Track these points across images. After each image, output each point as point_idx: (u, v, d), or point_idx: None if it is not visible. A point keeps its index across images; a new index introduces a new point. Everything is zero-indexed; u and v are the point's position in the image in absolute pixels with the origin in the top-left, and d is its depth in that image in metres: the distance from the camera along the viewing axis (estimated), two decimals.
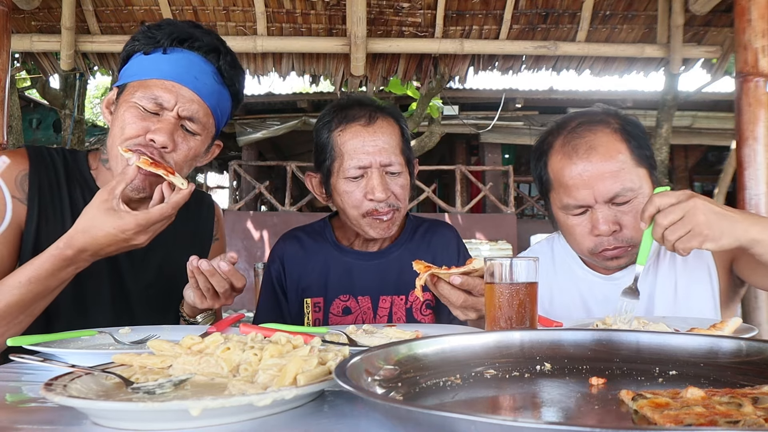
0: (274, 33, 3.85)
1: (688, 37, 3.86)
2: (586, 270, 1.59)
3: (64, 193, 1.42)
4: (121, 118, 1.34)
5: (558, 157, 1.46)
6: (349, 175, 1.52)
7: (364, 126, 1.54)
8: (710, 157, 12.76)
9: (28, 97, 10.70)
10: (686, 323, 1.20)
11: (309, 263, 1.67)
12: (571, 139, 1.44)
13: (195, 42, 1.38)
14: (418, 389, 0.74)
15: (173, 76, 1.35)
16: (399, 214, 1.57)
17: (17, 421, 0.72)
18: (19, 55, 4.32)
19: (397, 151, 1.56)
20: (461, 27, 3.91)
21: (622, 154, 1.40)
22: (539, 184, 1.56)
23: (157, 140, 1.32)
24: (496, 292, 1.02)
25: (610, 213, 1.40)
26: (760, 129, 2.62)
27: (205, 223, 1.68)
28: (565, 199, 1.44)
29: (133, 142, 1.32)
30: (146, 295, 1.52)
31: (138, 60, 1.38)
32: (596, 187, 1.38)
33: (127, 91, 1.36)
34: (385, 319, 1.62)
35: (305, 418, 0.70)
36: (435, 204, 10.21)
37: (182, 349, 0.85)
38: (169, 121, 1.34)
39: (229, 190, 10.71)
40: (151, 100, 1.33)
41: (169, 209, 1.21)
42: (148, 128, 1.32)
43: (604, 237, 1.41)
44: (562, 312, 1.61)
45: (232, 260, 1.27)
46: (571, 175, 1.41)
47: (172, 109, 1.34)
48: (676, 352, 0.82)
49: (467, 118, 10.93)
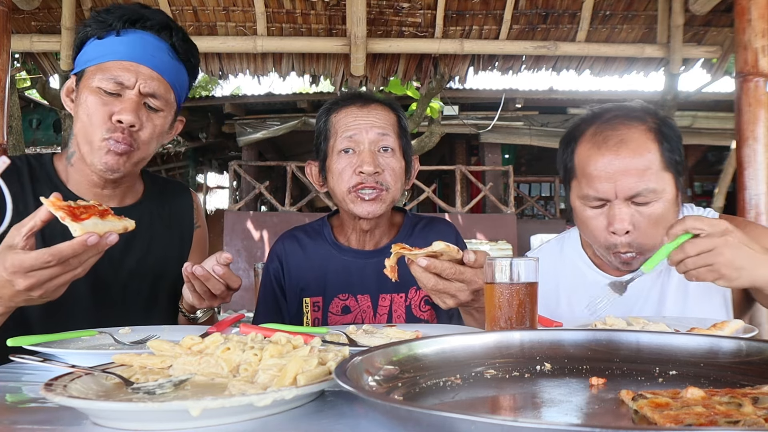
0: (274, 33, 3.85)
1: (688, 37, 3.86)
2: (594, 271, 1.57)
3: (30, 199, 1.41)
4: (84, 104, 1.36)
5: (587, 146, 1.42)
6: (341, 147, 1.55)
7: (359, 107, 1.58)
8: (710, 157, 12.75)
9: (28, 97, 10.69)
10: (686, 323, 1.20)
11: (307, 262, 1.67)
12: (604, 129, 1.40)
13: (147, 21, 1.41)
14: (418, 389, 0.74)
15: (130, 56, 1.37)
16: (387, 195, 1.56)
17: (17, 421, 0.72)
18: (19, 55, 4.32)
19: (390, 131, 1.58)
20: (461, 27, 3.91)
21: (651, 154, 1.36)
22: (563, 170, 1.53)
23: (125, 119, 1.34)
24: (496, 292, 1.02)
25: (628, 212, 1.36)
26: (760, 129, 2.62)
27: (184, 212, 1.68)
28: (586, 190, 1.40)
29: (104, 132, 1.34)
30: (128, 288, 1.51)
31: (93, 45, 1.40)
32: (619, 182, 1.35)
33: (86, 77, 1.38)
34: (385, 318, 1.62)
35: (305, 418, 0.70)
36: (435, 204, 10.21)
37: (182, 349, 0.85)
38: (132, 100, 1.36)
39: (229, 190, 10.71)
40: (110, 80, 1.35)
41: (47, 257, 1.02)
42: (111, 111, 1.35)
43: (618, 237, 1.38)
44: (569, 312, 1.59)
45: (227, 261, 1.27)
46: (596, 165, 1.38)
47: (133, 87, 1.37)
48: (676, 352, 0.82)
49: (467, 118, 10.92)
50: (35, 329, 1.36)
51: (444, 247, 1.11)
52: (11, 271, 1.03)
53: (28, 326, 1.36)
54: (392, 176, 1.56)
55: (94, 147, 1.37)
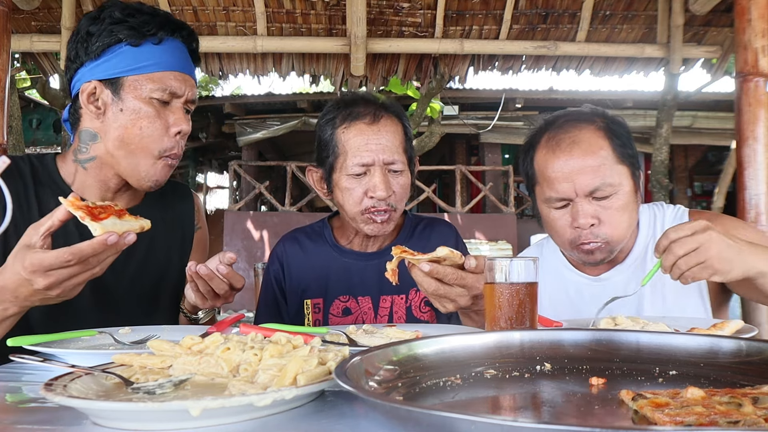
0: (274, 33, 3.85)
1: (688, 37, 3.86)
2: (573, 272, 1.64)
3: (32, 200, 1.41)
4: (135, 114, 1.38)
5: (543, 152, 1.51)
6: (351, 172, 1.53)
7: (368, 124, 1.55)
8: (710, 157, 12.75)
9: (28, 97, 10.69)
10: (687, 323, 1.20)
11: (308, 264, 1.67)
12: (556, 134, 1.49)
13: (183, 30, 1.45)
14: (418, 389, 0.74)
15: (179, 67, 1.43)
16: (396, 214, 1.58)
17: (17, 421, 0.72)
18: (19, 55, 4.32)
19: (400, 150, 1.57)
20: (461, 27, 3.91)
21: (603, 150, 1.45)
22: (526, 179, 1.61)
23: (184, 130, 1.42)
24: (496, 292, 1.02)
25: (590, 207, 1.44)
26: (760, 129, 2.62)
27: (185, 213, 1.68)
28: (548, 192, 1.48)
29: (165, 148, 1.40)
30: (130, 290, 1.51)
31: (128, 52, 1.37)
32: (577, 180, 1.43)
33: (132, 86, 1.37)
34: (386, 319, 1.62)
35: (305, 418, 0.70)
36: (435, 204, 10.20)
37: (182, 349, 0.85)
38: (181, 109, 1.43)
39: (229, 190, 10.70)
40: (165, 91, 1.39)
41: (67, 256, 1.02)
42: (167, 123, 1.40)
43: (583, 230, 1.45)
44: (551, 314, 1.62)
45: (231, 261, 1.28)
46: (554, 168, 1.46)
47: (182, 96, 1.42)
48: (676, 352, 0.82)
49: (467, 118, 10.91)
50: (37, 332, 1.35)
51: (447, 253, 1.11)
52: (31, 270, 1.03)
53: (30, 330, 1.36)
54: (401, 195, 1.58)
55: (149, 161, 1.40)
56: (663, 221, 1.57)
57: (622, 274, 1.56)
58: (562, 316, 1.58)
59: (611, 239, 1.46)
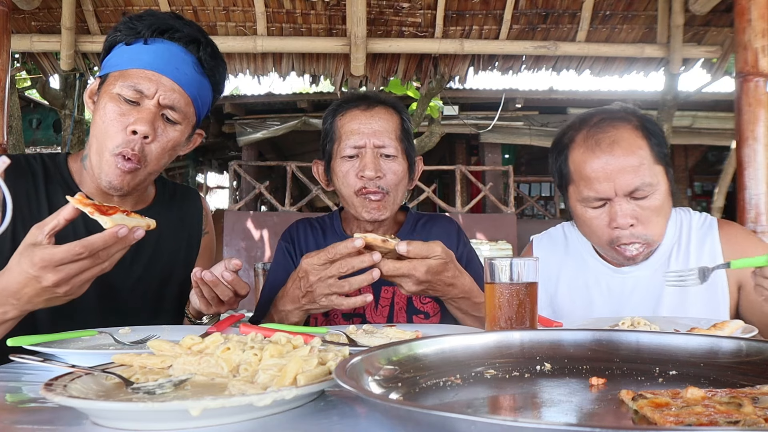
0: (274, 33, 3.85)
1: (688, 37, 3.86)
2: (596, 260, 1.63)
3: (43, 199, 1.41)
4: (102, 109, 1.35)
5: (580, 151, 1.48)
6: (345, 154, 1.59)
7: (362, 110, 1.62)
8: (710, 157, 12.75)
9: (28, 97, 10.68)
10: (686, 323, 1.20)
11: (317, 248, 1.69)
12: (594, 133, 1.47)
13: (175, 33, 1.40)
14: (418, 389, 0.74)
15: (154, 66, 1.36)
16: (389, 198, 1.60)
17: (17, 421, 0.72)
18: (19, 55, 4.32)
19: (393, 136, 1.60)
20: (461, 27, 3.91)
21: (642, 150, 1.43)
22: (558, 177, 1.59)
23: (139, 130, 1.32)
24: (496, 292, 1.02)
25: (629, 207, 1.43)
26: (760, 129, 2.62)
27: (193, 218, 1.68)
28: (586, 192, 1.46)
29: (116, 145, 1.33)
30: (136, 292, 1.50)
31: (120, 50, 1.39)
32: (617, 180, 1.41)
33: (108, 82, 1.37)
34: (387, 310, 1.65)
35: (305, 418, 0.70)
36: (435, 204, 10.20)
37: (182, 349, 0.85)
38: (149, 110, 1.35)
39: (229, 190, 10.69)
40: (130, 88, 1.34)
41: (79, 248, 1.01)
42: (128, 121, 1.33)
43: (622, 231, 1.44)
44: (564, 297, 1.65)
45: (236, 268, 1.27)
46: (593, 167, 1.44)
47: (152, 97, 1.35)
48: (676, 352, 0.82)
49: (467, 118, 10.91)
50: (42, 333, 1.35)
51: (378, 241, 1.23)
52: (40, 266, 1.02)
53: (34, 330, 1.35)
54: (393, 180, 1.60)
55: (103, 158, 1.35)
56: (690, 227, 1.57)
57: (645, 271, 1.55)
58: (576, 303, 1.61)
59: (650, 239, 1.46)
